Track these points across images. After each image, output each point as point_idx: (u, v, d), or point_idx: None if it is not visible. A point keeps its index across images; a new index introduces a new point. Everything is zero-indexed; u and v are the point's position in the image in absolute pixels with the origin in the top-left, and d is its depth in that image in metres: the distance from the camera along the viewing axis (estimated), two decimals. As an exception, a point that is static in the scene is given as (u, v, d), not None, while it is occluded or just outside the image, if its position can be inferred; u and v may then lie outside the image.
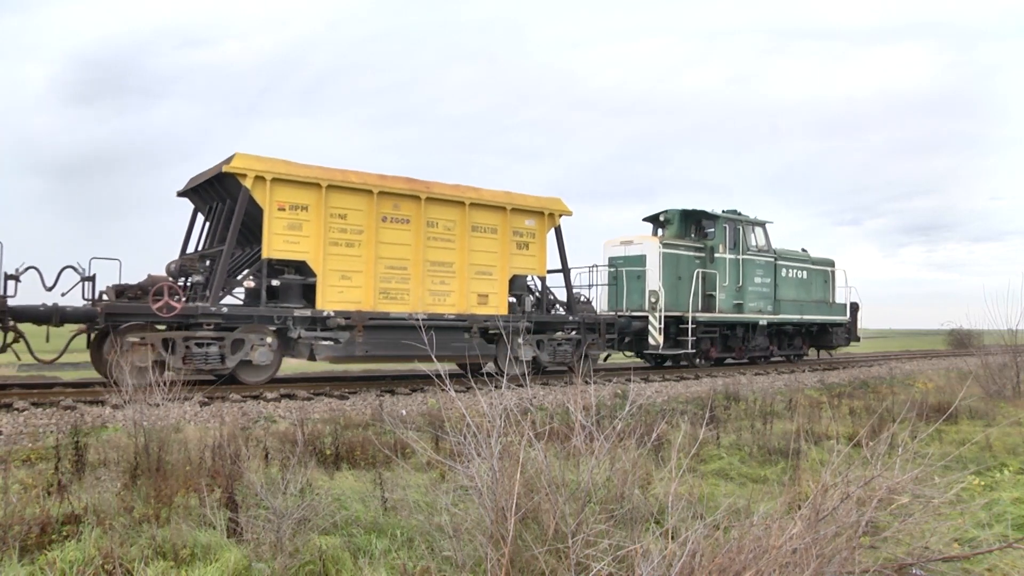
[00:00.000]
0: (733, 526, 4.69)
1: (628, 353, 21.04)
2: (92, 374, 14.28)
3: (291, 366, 18.47)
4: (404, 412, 11.37)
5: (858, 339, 26.85)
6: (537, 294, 17.20)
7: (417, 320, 13.78)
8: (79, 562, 4.94)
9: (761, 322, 22.23)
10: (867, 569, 4.41)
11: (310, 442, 8.35)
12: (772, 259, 22.85)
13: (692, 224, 22.15)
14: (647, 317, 19.20)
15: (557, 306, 17.75)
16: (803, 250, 25.17)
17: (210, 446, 7.46)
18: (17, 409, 10.28)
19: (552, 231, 17.05)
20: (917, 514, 4.83)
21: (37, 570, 4.92)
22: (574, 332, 17.51)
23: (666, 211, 22.15)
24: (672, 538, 4.11)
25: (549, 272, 17.17)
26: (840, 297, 25.95)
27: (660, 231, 22.28)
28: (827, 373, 21.56)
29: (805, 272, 24.49)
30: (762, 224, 22.65)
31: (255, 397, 12.21)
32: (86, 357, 13.47)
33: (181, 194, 15.32)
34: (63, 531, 5.45)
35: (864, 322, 27.24)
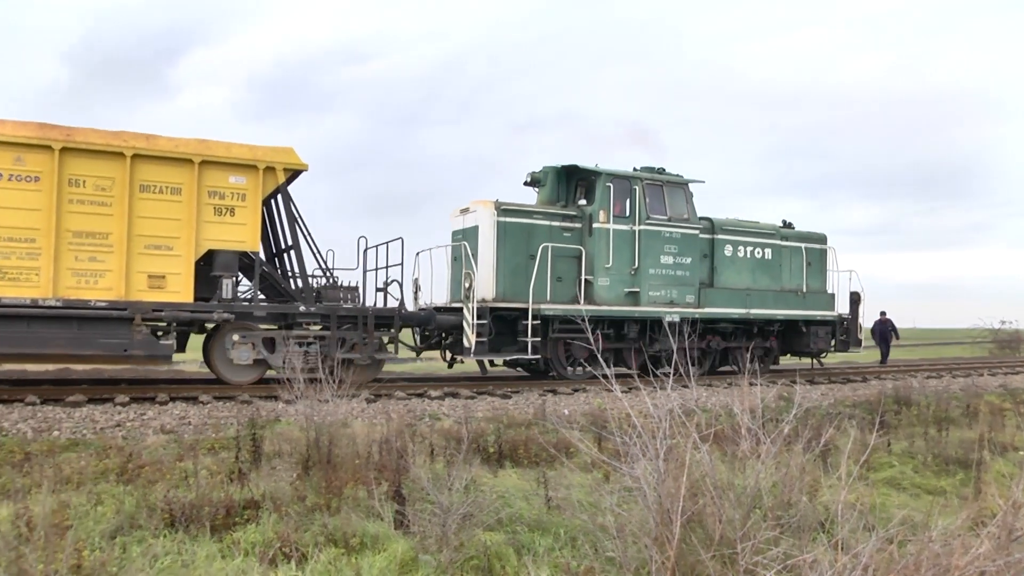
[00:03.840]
0: (908, 540, 4.47)
1: (459, 358, 15.54)
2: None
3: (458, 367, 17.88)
4: (567, 412, 11.40)
5: (859, 343, 19.32)
6: (278, 275, 13.78)
7: (48, 308, 11.30)
8: (260, 543, 5.32)
9: (670, 318, 15.64)
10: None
11: (474, 440, 8.51)
12: (697, 231, 16.48)
13: (574, 185, 16.36)
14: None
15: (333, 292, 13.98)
16: (785, 223, 18.85)
17: (377, 441, 7.74)
18: (202, 402, 11.12)
19: (276, 193, 13.22)
20: None
21: (225, 547, 5.33)
22: (322, 329, 13.33)
23: (540, 169, 16.67)
24: (842, 550, 3.95)
25: (286, 249, 13.87)
26: (830, 286, 18.91)
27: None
28: (1010, 377, 20.03)
29: (769, 250, 17.73)
30: (682, 184, 16.30)
31: (420, 395, 12.59)
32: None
33: None
34: (244, 515, 5.87)
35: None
